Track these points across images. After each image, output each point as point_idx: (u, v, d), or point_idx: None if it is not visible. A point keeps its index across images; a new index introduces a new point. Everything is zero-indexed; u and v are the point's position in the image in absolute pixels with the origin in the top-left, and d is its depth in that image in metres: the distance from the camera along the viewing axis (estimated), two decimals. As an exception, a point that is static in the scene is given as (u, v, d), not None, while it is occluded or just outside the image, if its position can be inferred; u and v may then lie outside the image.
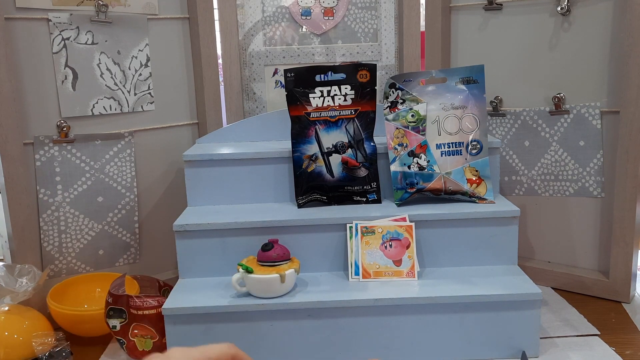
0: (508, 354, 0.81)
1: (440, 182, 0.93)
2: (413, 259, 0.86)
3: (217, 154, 0.97)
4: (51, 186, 1.00)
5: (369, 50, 1.22)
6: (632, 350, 0.83)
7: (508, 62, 1.07)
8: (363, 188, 0.96)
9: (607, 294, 1.00)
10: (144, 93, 1.09)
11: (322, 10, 1.20)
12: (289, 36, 1.21)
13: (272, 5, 1.20)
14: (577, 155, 1.01)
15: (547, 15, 1.01)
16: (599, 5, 0.96)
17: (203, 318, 0.81)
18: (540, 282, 1.04)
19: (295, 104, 0.94)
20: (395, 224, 0.87)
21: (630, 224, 0.95)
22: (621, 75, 0.93)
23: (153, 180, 1.12)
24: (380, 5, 1.21)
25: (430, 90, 0.95)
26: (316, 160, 0.95)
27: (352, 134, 0.95)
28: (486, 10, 1.08)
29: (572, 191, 1.03)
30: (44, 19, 0.96)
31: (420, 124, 0.95)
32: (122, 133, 1.06)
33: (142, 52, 1.07)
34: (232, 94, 1.20)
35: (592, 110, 0.98)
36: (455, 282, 0.84)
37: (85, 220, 1.04)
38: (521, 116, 1.06)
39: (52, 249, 1.01)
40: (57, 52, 0.98)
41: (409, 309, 0.80)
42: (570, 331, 0.89)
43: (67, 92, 1.00)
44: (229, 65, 1.19)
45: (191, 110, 1.17)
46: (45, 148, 0.99)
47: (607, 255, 1.00)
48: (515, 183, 1.10)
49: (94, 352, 0.88)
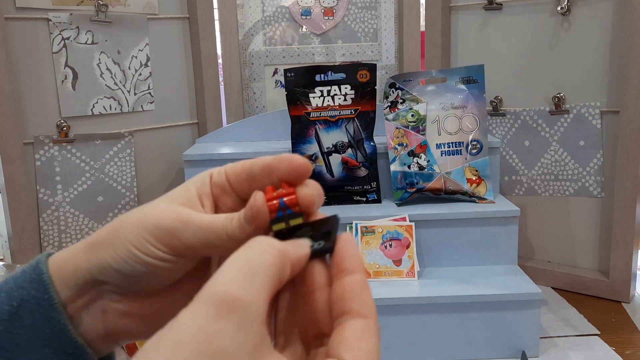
0: (508, 354, 0.81)
1: (440, 181, 0.93)
2: (413, 258, 0.86)
3: (217, 154, 0.97)
4: (51, 186, 1.00)
5: (369, 50, 1.22)
6: (632, 350, 0.83)
7: (508, 62, 1.07)
8: (363, 188, 0.96)
9: (607, 293, 1.00)
10: (143, 93, 1.09)
11: (322, 10, 1.20)
12: (289, 36, 1.21)
13: (272, 5, 1.20)
14: (577, 155, 1.01)
15: (547, 15, 1.01)
16: (599, 5, 0.96)
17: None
18: (540, 282, 1.04)
19: (295, 104, 0.94)
20: (395, 224, 0.87)
21: (630, 224, 0.95)
22: (621, 75, 0.93)
23: (153, 180, 1.12)
24: (380, 5, 1.20)
25: (430, 90, 0.95)
26: (316, 160, 0.95)
27: (352, 134, 0.95)
28: (486, 10, 1.08)
29: (572, 191, 1.03)
30: (44, 18, 0.96)
31: (420, 124, 0.95)
32: (122, 133, 1.06)
33: (142, 52, 1.07)
34: (232, 94, 1.20)
35: (592, 110, 0.98)
36: (455, 282, 0.84)
37: (85, 220, 1.04)
38: (521, 116, 1.06)
39: (52, 249, 1.01)
40: (57, 52, 0.98)
41: (409, 309, 0.80)
42: (570, 331, 0.89)
43: (67, 92, 1.00)
44: (229, 65, 1.19)
45: (191, 110, 1.17)
46: (45, 148, 0.99)
47: (607, 255, 1.00)
48: (515, 183, 1.10)
49: (93, 352, 0.88)
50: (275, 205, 0.29)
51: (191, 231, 0.29)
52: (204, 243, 0.30)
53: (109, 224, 0.31)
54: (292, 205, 0.29)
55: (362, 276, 0.28)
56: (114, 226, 0.31)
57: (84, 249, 0.31)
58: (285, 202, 0.29)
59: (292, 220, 0.30)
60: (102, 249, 0.30)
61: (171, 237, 0.29)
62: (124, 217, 0.31)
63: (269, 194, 0.30)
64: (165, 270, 0.30)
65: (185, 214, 0.30)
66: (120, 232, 0.30)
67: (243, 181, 0.32)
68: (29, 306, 0.30)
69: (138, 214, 0.31)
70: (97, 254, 0.30)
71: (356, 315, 0.26)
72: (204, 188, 0.32)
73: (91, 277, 0.31)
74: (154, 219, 0.30)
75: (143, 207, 0.31)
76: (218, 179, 0.32)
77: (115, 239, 0.30)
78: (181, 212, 0.30)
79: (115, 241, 0.30)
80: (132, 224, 0.30)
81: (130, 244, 0.30)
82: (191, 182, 0.33)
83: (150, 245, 0.30)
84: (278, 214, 0.29)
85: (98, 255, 0.30)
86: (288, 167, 0.30)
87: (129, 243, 0.30)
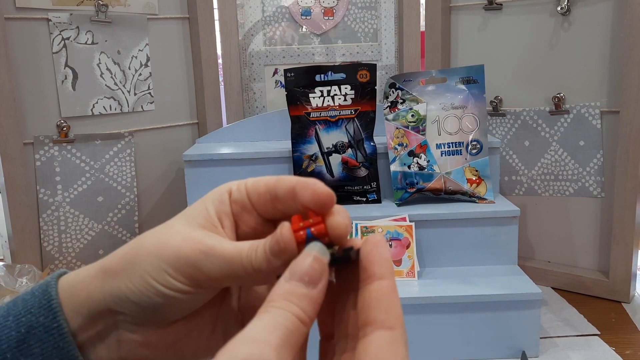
0: (508, 354, 0.81)
1: (440, 182, 0.93)
2: (413, 258, 0.86)
3: (217, 154, 0.97)
4: (51, 186, 1.00)
5: (369, 50, 1.22)
6: (632, 350, 0.83)
7: (508, 62, 1.07)
8: (363, 188, 0.96)
9: (607, 293, 1.00)
10: (144, 93, 1.09)
11: (322, 10, 1.20)
12: (289, 36, 1.21)
13: (272, 5, 1.20)
14: (577, 155, 1.01)
15: (547, 15, 1.01)
16: (599, 5, 0.96)
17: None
18: (540, 282, 1.04)
19: (295, 104, 0.94)
20: (395, 224, 0.87)
21: (630, 224, 0.95)
22: (621, 75, 0.93)
23: (153, 180, 1.12)
24: (380, 5, 1.20)
25: (430, 90, 0.95)
26: (316, 160, 0.95)
27: (352, 134, 0.95)
28: (486, 10, 1.08)
29: (572, 191, 1.03)
30: (44, 18, 0.96)
31: (420, 124, 0.95)
32: (122, 133, 1.06)
33: (142, 52, 1.07)
34: (232, 94, 1.20)
35: (592, 110, 0.98)
36: (455, 282, 0.84)
37: (85, 220, 1.04)
38: (521, 116, 1.06)
39: (52, 249, 1.01)
40: (57, 52, 0.98)
41: (409, 309, 0.80)
42: (570, 331, 0.89)
43: (67, 92, 1.00)
44: (229, 65, 1.19)
45: (191, 110, 1.17)
46: (45, 148, 0.99)
47: (607, 255, 1.00)
48: (515, 183, 1.10)
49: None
50: (302, 236, 0.27)
51: (214, 263, 0.28)
52: (227, 275, 0.28)
53: (124, 249, 0.30)
54: (320, 235, 0.28)
55: (391, 282, 0.26)
56: (130, 254, 0.29)
57: (97, 275, 0.29)
58: (313, 232, 0.27)
59: None
60: (118, 278, 0.29)
61: (192, 269, 0.28)
62: (141, 244, 0.29)
63: (296, 224, 0.28)
64: (184, 302, 0.29)
65: (206, 244, 0.28)
66: (136, 262, 0.29)
67: (266, 201, 0.30)
68: (37, 334, 0.29)
69: (155, 241, 0.29)
70: (111, 282, 0.29)
71: (381, 326, 0.25)
72: (223, 207, 0.31)
73: (105, 306, 0.29)
74: (172, 249, 0.28)
75: (161, 232, 0.29)
76: (238, 197, 0.31)
77: (131, 268, 0.29)
78: (202, 241, 0.28)
79: (132, 271, 0.28)
80: (150, 253, 0.28)
81: (148, 274, 0.28)
82: (209, 200, 0.31)
83: (169, 277, 0.28)
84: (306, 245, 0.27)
85: (113, 284, 0.29)
86: (312, 197, 0.28)
87: (146, 274, 0.28)
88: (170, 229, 0.29)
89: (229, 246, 0.28)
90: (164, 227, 0.30)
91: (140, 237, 0.30)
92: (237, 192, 0.31)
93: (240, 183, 0.31)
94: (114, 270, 0.29)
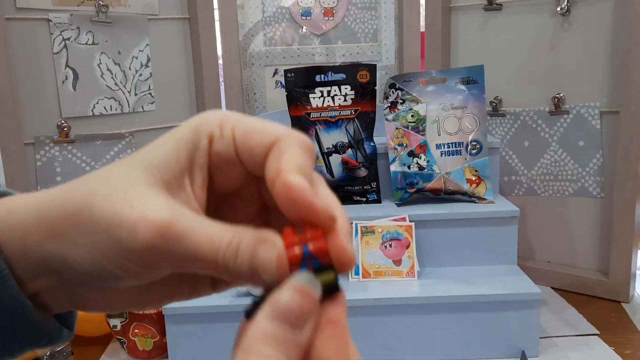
0: (508, 354, 0.82)
1: (440, 182, 0.93)
2: (413, 258, 0.86)
3: (217, 154, 0.97)
4: (51, 186, 0.99)
5: (369, 50, 1.22)
6: (632, 350, 0.83)
7: (508, 62, 1.07)
8: (363, 188, 0.96)
9: (607, 293, 1.00)
10: (144, 93, 1.09)
11: (322, 10, 1.21)
12: (289, 36, 1.21)
13: (272, 6, 1.20)
14: (577, 155, 1.01)
15: (547, 15, 1.01)
16: (599, 5, 0.96)
17: (204, 318, 0.81)
18: (540, 282, 1.04)
19: (295, 104, 0.94)
20: (395, 224, 0.87)
21: (630, 224, 0.95)
22: (621, 75, 0.93)
23: (153, 180, 1.12)
24: (380, 6, 1.21)
25: (430, 91, 0.95)
26: (316, 161, 0.95)
27: (352, 134, 0.95)
28: (486, 10, 1.08)
29: (572, 191, 1.03)
30: (45, 19, 0.96)
31: (420, 124, 0.95)
32: (123, 133, 1.06)
33: (143, 53, 1.07)
34: (232, 94, 1.20)
35: (592, 110, 0.98)
36: (455, 282, 0.84)
37: (85, 220, 1.04)
38: (521, 116, 1.06)
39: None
40: (57, 53, 0.98)
41: (409, 309, 0.81)
42: (570, 331, 0.89)
43: (67, 92, 1.00)
44: (229, 65, 1.19)
45: (191, 111, 1.17)
46: (45, 148, 0.99)
47: (607, 255, 1.00)
48: (515, 183, 1.10)
49: (94, 352, 0.88)
50: (298, 256, 0.22)
51: (179, 253, 0.22)
52: (195, 267, 0.23)
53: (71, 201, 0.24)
54: (319, 254, 0.22)
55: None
56: (77, 216, 0.23)
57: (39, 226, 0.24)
58: (311, 251, 0.22)
59: (322, 276, 0.22)
60: (61, 241, 0.24)
61: (150, 255, 0.23)
62: (91, 205, 0.23)
63: (289, 238, 0.22)
64: (141, 278, 0.25)
65: (172, 230, 0.22)
66: (85, 231, 0.23)
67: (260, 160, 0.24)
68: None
69: (108, 212, 0.23)
70: (53, 243, 0.24)
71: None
72: (199, 156, 0.24)
73: (46, 264, 0.24)
74: (128, 229, 0.22)
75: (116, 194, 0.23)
76: (222, 149, 0.24)
77: (78, 236, 0.23)
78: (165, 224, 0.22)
79: (78, 239, 0.23)
80: (101, 228, 0.23)
81: (98, 251, 0.23)
82: (182, 143, 0.24)
83: (122, 258, 0.23)
84: (301, 265, 0.22)
85: (55, 245, 0.24)
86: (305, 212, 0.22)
87: (96, 250, 0.23)
88: (126, 192, 0.23)
89: (202, 236, 0.22)
90: (120, 186, 0.23)
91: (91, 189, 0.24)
92: (220, 142, 0.24)
93: (225, 125, 0.24)
94: (58, 230, 0.24)
